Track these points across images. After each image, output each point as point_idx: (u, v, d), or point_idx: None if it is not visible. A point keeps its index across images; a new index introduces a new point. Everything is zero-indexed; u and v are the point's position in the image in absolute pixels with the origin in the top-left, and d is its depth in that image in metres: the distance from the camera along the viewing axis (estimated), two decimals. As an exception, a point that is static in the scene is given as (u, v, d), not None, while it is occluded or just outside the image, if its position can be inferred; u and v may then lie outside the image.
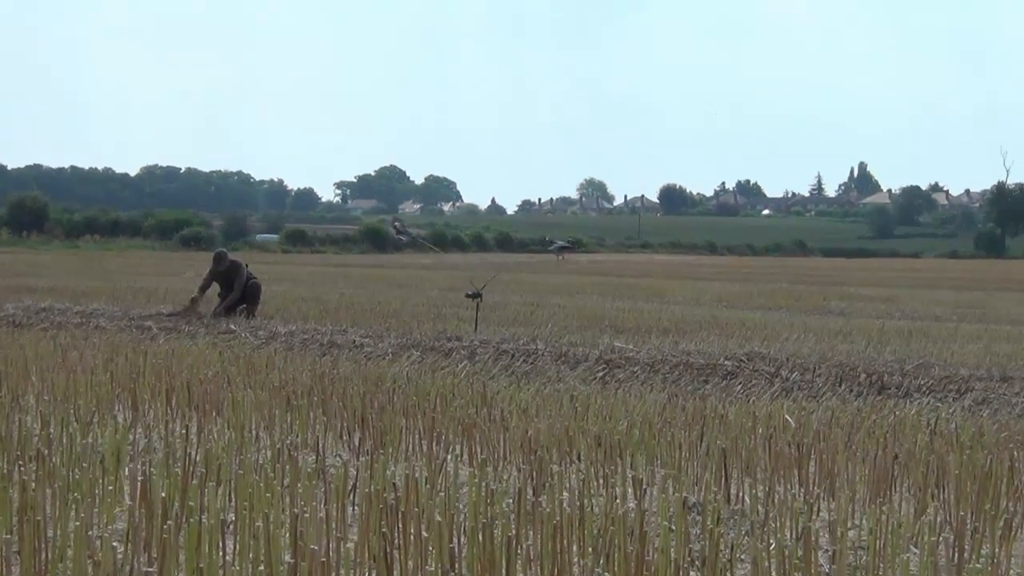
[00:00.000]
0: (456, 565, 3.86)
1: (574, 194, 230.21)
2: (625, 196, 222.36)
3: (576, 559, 4.12)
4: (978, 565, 4.08)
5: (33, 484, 4.55)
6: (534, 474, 5.40)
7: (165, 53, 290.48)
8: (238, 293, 15.00)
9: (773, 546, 3.96)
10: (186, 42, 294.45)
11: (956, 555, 4.02)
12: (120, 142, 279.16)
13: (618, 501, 5.12)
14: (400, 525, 4.12)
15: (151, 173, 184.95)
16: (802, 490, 5.61)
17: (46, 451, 5.18)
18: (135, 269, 34.55)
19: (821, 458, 5.86)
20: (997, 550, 4.51)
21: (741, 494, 5.44)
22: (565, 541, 4.03)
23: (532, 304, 20.02)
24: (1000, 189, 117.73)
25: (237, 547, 4.13)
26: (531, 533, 4.27)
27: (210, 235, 73.29)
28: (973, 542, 4.41)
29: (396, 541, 4.07)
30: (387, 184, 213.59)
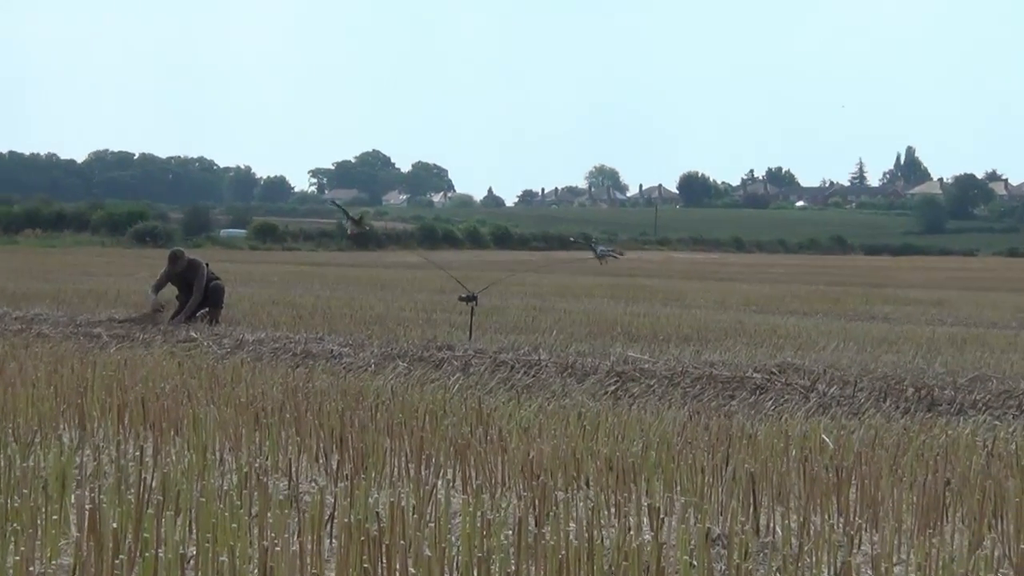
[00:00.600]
0: (448, 605, 3.86)
1: (582, 183, 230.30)
2: (640, 186, 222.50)
3: (584, 598, 4.13)
4: (1041, 605, 4.09)
5: (-34, 513, 4.55)
6: (536, 502, 5.40)
7: (116, 23, 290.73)
8: (199, 296, 14.96)
9: (808, 584, 3.96)
10: (141, 11, 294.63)
11: (1016, 594, 4.02)
12: (66, 124, 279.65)
13: (632, 533, 5.12)
14: (384, 560, 4.12)
15: (101, 159, 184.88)
16: (841, 520, 5.62)
17: (-19, 475, 5.18)
18: (82, 268, 34.57)
19: (863, 483, 5.86)
20: (1063, 588, 4.51)
21: (772, 525, 5.44)
22: (572, 578, 4.03)
23: (534, 308, 20.03)
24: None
25: (198, 585, 4.13)
26: (533, 569, 4.27)
27: (168, 230, 73.33)
28: (1036, 579, 4.41)
29: (379, 578, 4.07)
30: (369, 172, 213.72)
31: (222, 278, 15.78)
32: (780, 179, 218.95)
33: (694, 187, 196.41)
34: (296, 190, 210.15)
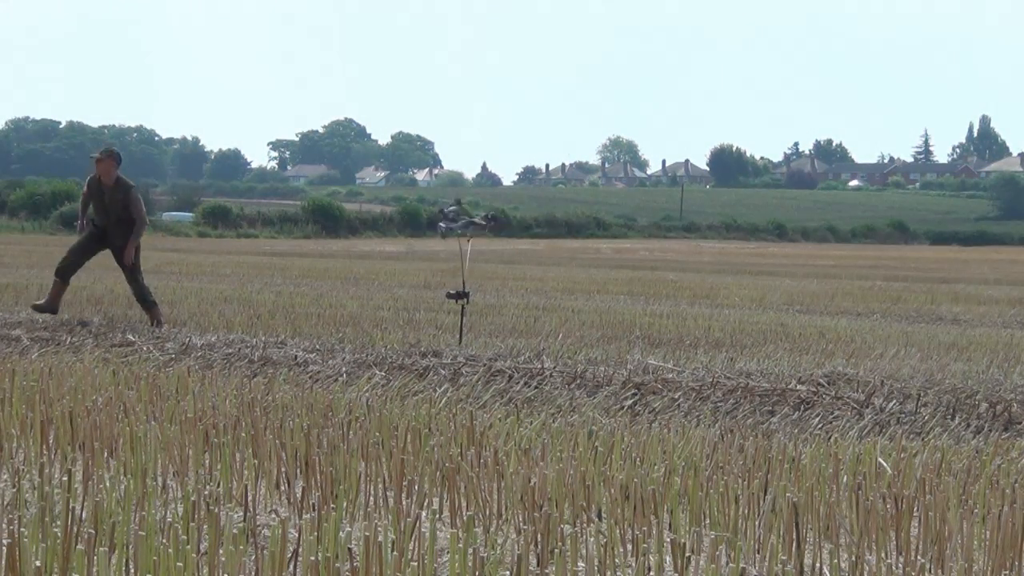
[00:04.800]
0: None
1: (594, 159, 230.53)
2: (663, 162, 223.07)
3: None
4: None
5: None
6: (539, 537, 5.42)
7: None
8: (141, 225, 14.66)
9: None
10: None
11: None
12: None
13: (652, 574, 5.13)
14: (358, 605, 4.13)
15: (20, 129, 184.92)
16: (901, 559, 5.63)
17: None
18: (-2, 259, 34.58)
19: (926, 516, 5.88)
20: None
21: (818, 564, 5.46)
22: (580, 627, 4.05)
23: (536, 307, 20.05)
24: None
25: (137, 634, 4.15)
26: (534, 616, 4.29)
27: (100, 213, 73.17)
28: None
29: (352, 627, 4.09)
30: (341, 144, 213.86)
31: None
32: (830, 154, 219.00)
33: (727, 163, 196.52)
34: (253, 165, 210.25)
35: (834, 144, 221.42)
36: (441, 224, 14.54)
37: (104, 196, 14.81)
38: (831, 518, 5.99)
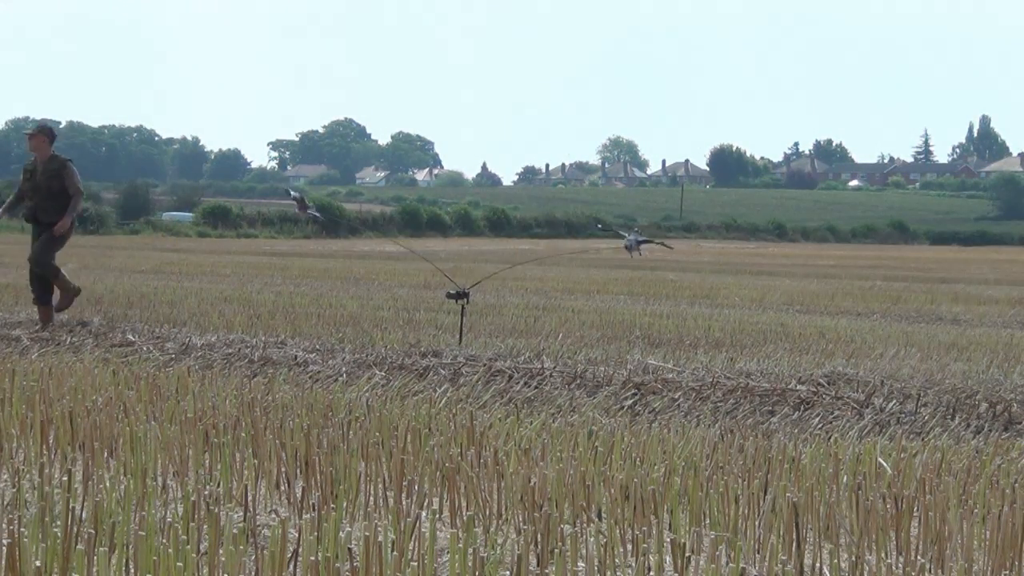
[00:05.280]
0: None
1: (594, 159, 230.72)
2: (663, 162, 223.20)
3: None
4: None
5: None
6: (539, 537, 5.42)
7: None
8: (78, 198, 14.24)
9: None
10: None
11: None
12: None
13: (652, 574, 5.14)
14: (358, 605, 4.14)
15: (19, 129, 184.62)
16: (901, 559, 5.63)
17: None
18: (-2, 259, 34.57)
19: (926, 516, 5.88)
20: None
21: (818, 564, 5.46)
22: (580, 627, 4.05)
23: (536, 307, 20.06)
24: None
25: (137, 634, 4.15)
26: (534, 616, 4.29)
27: (100, 213, 73.25)
28: None
29: (352, 627, 4.09)
30: (341, 144, 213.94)
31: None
32: (830, 154, 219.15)
33: (727, 164, 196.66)
34: (253, 166, 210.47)
35: (834, 144, 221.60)
36: (310, 212, 14.60)
37: (37, 173, 14.48)
38: (831, 518, 5.99)
